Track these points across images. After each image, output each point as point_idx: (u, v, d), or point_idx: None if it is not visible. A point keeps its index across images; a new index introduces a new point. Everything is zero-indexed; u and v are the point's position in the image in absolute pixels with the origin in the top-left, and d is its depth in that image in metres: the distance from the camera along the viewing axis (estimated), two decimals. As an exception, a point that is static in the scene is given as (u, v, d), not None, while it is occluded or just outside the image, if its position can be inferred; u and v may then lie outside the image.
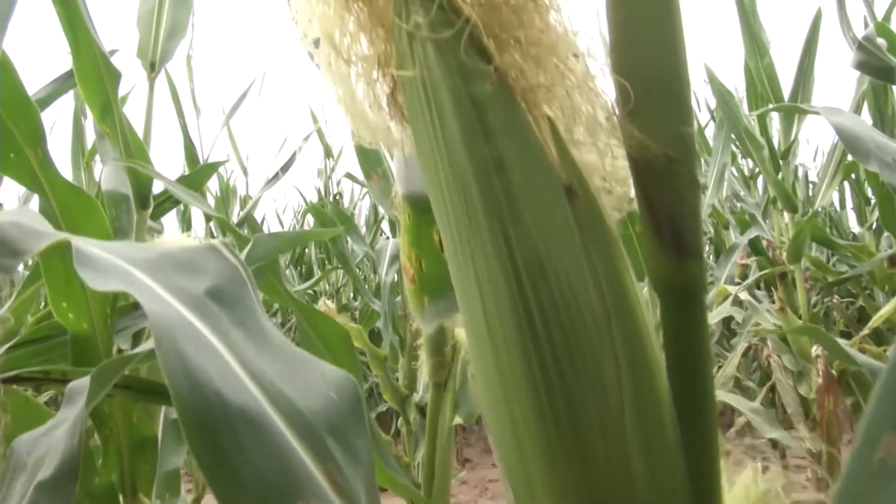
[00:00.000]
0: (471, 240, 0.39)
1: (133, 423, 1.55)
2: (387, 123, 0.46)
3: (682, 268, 0.40)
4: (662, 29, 0.41)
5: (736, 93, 4.55)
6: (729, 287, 3.16)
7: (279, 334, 0.62)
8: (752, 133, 2.93)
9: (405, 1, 0.41)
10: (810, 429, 2.87)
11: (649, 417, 0.38)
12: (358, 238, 3.53)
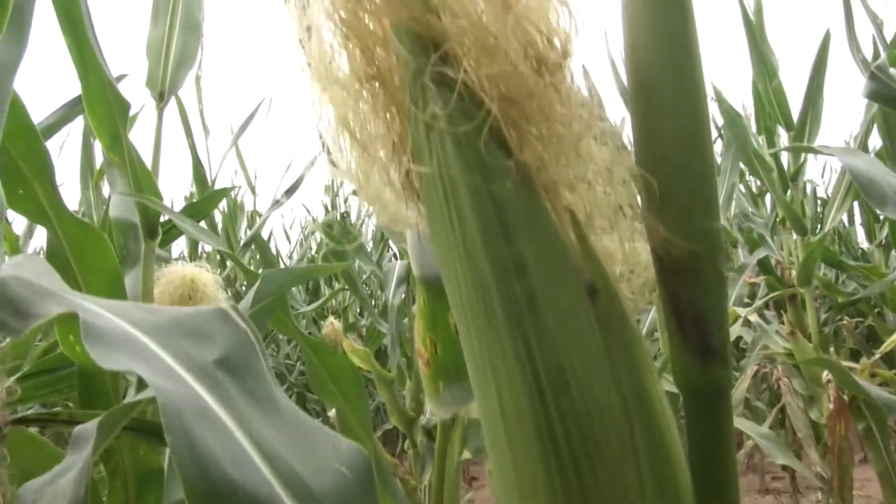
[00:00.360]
0: (490, 343, 0.38)
1: (139, 456, 1.54)
2: (402, 204, 0.45)
3: (708, 370, 0.38)
4: (688, 121, 0.40)
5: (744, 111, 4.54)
6: (738, 309, 3.13)
7: (288, 402, 0.61)
8: (760, 155, 2.92)
9: (422, 89, 0.40)
10: (821, 454, 2.84)
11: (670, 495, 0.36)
12: (365, 256, 3.52)
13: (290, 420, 0.59)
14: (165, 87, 1.74)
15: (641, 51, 0.42)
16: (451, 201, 0.38)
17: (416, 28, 0.40)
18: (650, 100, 0.40)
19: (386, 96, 0.42)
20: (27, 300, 0.71)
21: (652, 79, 0.41)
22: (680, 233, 0.39)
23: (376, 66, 0.42)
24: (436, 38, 0.39)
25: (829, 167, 4.97)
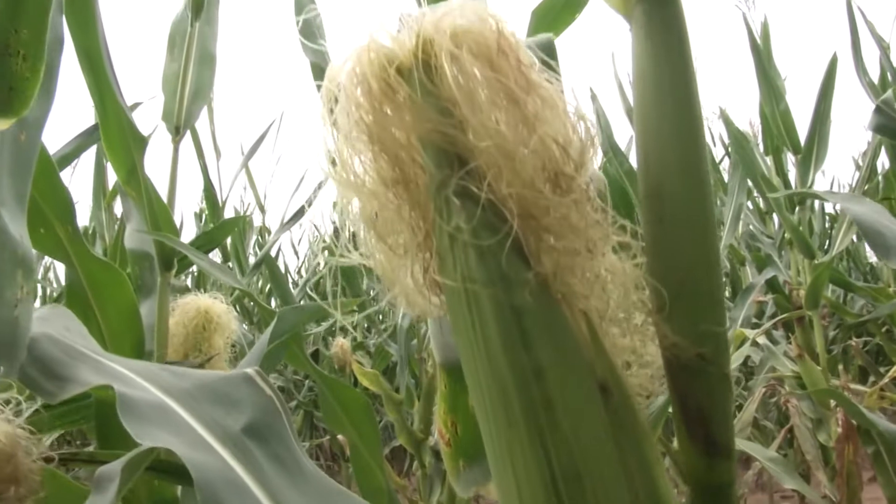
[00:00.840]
0: (510, 439, 0.41)
1: (154, 486, 1.56)
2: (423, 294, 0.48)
3: (712, 466, 0.41)
4: (697, 231, 0.43)
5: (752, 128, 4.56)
6: (746, 331, 3.14)
7: (312, 466, 0.63)
8: (767, 178, 2.94)
9: (446, 200, 0.43)
10: (830, 477, 2.85)
11: None
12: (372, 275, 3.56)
13: (315, 484, 0.62)
14: (181, 121, 1.77)
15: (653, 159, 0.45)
16: (473, 309, 0.41)
17: (440, 142, 0.43)
18: (665, 212, 0.43)
19: (410, 200, 0.45)
20: (60, 362, 0.74)
21: (664, 190, 0.44)
22: (687, 336, 0.42)
23: (401, 171, 0.45)
24: (460, 152, 0.43)
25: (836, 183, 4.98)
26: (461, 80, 0.42)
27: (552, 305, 0.42)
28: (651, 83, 0.46)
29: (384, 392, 2.80)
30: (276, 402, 0.65)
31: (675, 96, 0.45)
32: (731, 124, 3.00)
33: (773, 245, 3.66)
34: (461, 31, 0.44)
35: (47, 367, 0.73)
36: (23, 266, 0.83)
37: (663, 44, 0.46)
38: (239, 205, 5.53)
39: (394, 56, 0.45)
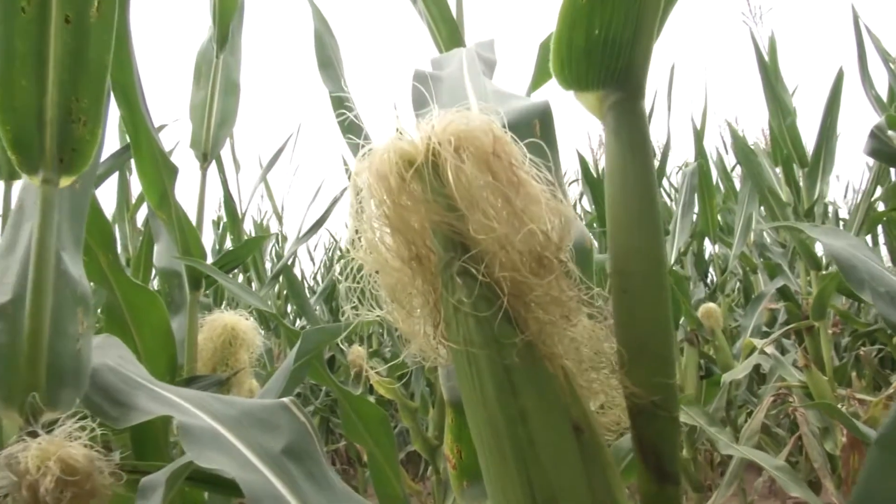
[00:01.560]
0: (501, 470, 0.52)
1: (185, 491, 1.68)
2: (433, 345, 0.60)
3: (663, 489, 0.53)
4: (653, 305, 0.54)
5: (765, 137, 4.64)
6: (756, 340, 3.23)
7: (340, 482, 0.75)
8: (775, 191, 3.03)
9: (451, 278, 0.54)
10: (836, 485, 2.93)
11: None
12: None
13: (343, 495, 0.73)
14: (209, 147, 1.90)
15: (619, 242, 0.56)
16: (472, 365, 0.53)
17: (446, 231, 0.54)
18: (628, 286, 0.54)
19: (423, 274, 0.57)
20: (120, 390, 0.86)
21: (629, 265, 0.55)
22: (644, 387, 0.53)
23: (415, 251, 0.57)
24: (463, 240, 0.54)
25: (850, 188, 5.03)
26: (462, 182, 0.53)
27: (536, 362, 0.53)
28: (618, 177, 0.57)
29: (399, 400, 2.92)
30: (309, 427, 0.77)
31: (637, 190, 0.56)
32: (738, 138, 3.10)
33: (783, 255, 3.74)
34: (463, 137, 0.56)
35: (110, 395, 0.85)
36: (82, 303, 0.96)
37: (629, 143, 0.58)
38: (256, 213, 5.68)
39: (409, 157, 0.56)
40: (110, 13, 0.91)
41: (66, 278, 0.94)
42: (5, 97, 0.87)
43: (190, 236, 1.76)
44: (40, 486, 0.66)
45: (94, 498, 0.70)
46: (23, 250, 0.96)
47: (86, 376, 0.89)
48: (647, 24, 0.57)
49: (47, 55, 0.88)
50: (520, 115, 0.88)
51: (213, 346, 1.80)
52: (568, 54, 0.59)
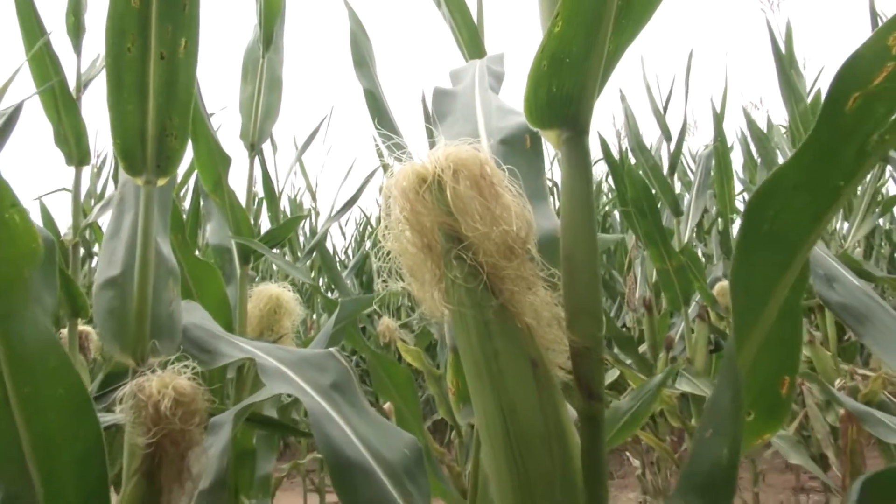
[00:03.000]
0: (481, 389, 0.80)
1: (237, 439, 2.00)
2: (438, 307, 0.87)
3: (591, 406, 0.80)
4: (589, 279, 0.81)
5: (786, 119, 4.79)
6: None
7: (373, 410, 1.04)
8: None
9: (450, 261, 0.81)
10: (836, 455, 3.17)
11: (568, 478, 0.78)
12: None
13: (375, 421, 1.02)
14: (256, 139, 2.19)
15: (568, 237, 0.83)
16: (463, 320, 0.80)
17: (447, 229, 0.82)
18: (572, 266, 0.81)
19: (432, 258, 0.84)
20: (206, 341, 1.16)
21: (573, 255, 0.82)
22: (580, 337, 0.80)
23: (427, 242, 0.84)
24: (458, 235, 0.81)
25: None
26: (457, 196, 0.80)
27: (506, 318, 0.80)
28: (567, 191, 0.84)
29: (426, 368, 3.22)
30: (350, 370, 1.06)
31: (580, 200, 0.83)
32: (753, 124, 3.30)
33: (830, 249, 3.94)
34: (460, 163, 0.83)
35: (199, 345, 1.15)
36: (172, 275, 1.26)
37: (576, 167, 0.84)
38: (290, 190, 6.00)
39: (422, 176, 0.83)
40: (194, 50, 1.19)
41: (161, 256, 1.24)
42: (116, 118, 1.16)
43: (241, 217, 2.06)
44: (161, 404, 0.96)
45: (197, 415, 1.00)
46: (126, 234, 1.25)
47: (178, 332, 1.18)
48: (590, 85, 0.83)
49: (147, 85, 1.16)
50: (515, 130, 1.15)
51: (260, 313, 2.10)
52: (535, 104, 0.85)
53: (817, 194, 0.69)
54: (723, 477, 0.69)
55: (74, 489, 0.85)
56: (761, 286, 0.69)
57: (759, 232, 0.68)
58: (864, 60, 0.66)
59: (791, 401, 0.83)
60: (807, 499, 4.45)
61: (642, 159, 3.32)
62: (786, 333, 0.79)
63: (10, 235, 0.71)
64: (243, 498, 2.07)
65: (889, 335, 1.21)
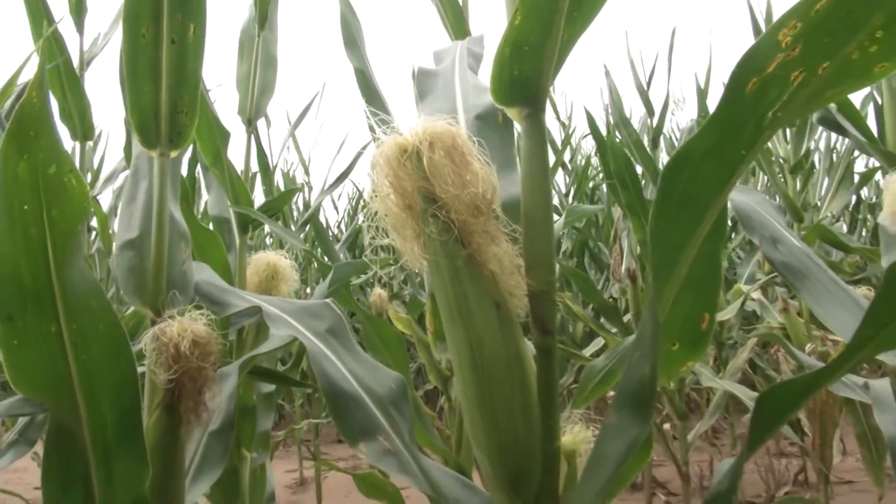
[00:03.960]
0: (453, 325, 0.97)
1: (238, 395, 2.17)
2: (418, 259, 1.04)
3: (544, 340, 0.97)
4: (544, 233, 0.98)
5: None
6: (743, 287, 3.65)
7: (363, 351, 1.21)
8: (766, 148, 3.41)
9: (426, 219, 0.98)
10: (808, 417, 3.38)
11: (526, 400, 0.96)
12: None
13: (366, 360, 1.20)
14: (252, 114, 2.35)
15: (526, 199, 1.00)
16: (438, 267, 0.98)
17: (424, 192, 0.98)
18: (530, 223, 0.98)
19: (412, 217, 1.01)
20: (216, 295, 1.33)
21: (531, 213, 0.99)
22: (537, 282, 0.97)
23: (408, 203, 1.01)
24: (434, 197, 0.98)
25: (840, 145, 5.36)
26: (432, 164, 0.97)
27: (474, 266, 0.98)
28: (527, 161, 1.01)
29: (416, 335, 3.40)
30: (343, 317, 1.23)
31: (537, 169, 1.00)
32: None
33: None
34: (435, 136, 0.99)
35: (210, 298, 1.32)
36: (184, 238, 1.42)
37: (534, 140, 1.01)
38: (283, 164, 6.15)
39: (403, 147, 1.00)
40: (201, 35, 1.35)
41: (173, 221, 1.41)
42: (133, 97, 1.32)
43: (239, 189, 2.22)
44: (181, 345, 1.13)
45: (212, 356, 1.17)
46: (142, 201, 1.42)
47: (191, 287, 1.35)
48: (546, 69, 0.99)
49: (160, 67, 1.32)
50: (489, 107, 1.31)
51: (259, 279, 2.27)
52: (500, 85, 1.01)
53: (724, 161, 0.86)
54: (646, 392, 0.86)
55: (111, 411, 1.02)
56: (677, 238, 0.86)
57: (673, 192, 0.85)
58: (760, 51, 0.83)
59: (710, 334, 1.00)
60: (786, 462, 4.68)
61: (625, 133, 3.48)
62: (706, 277, 0.97)
63: (68, 195, 0.88)
64: (244, 451, 2.26)
65: (823, 291, 1.39)
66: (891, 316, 0.86)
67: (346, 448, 6.84)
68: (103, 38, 2.77)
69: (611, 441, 0.90)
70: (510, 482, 0.97)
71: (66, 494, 1.05)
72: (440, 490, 1.06)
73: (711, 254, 0.96)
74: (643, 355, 0.88)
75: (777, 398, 0.87)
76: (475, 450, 1.00)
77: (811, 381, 0.86)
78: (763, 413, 0.86)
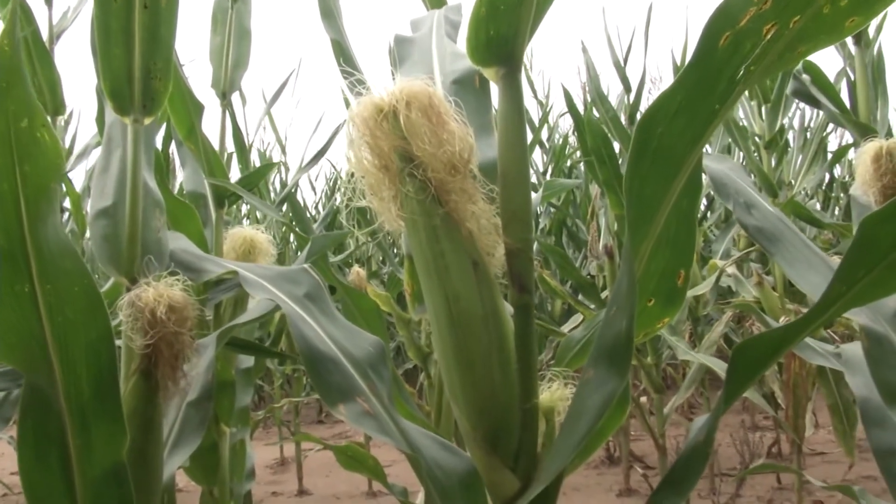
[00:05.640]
0: (431, 284, 0.97)
1: (217, 370, 2.16)
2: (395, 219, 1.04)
3: (522, 297, 0.98)
4: (521, 190, 0.98)
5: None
6: (719, 262, 3.70)
7: (341, 316, 1.21)
8: (736, 121, 3.44)
9: (403, 178, 0.98)
10: (781, 389, 3.44)
11: (504, 357, 0.96)
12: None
13: (344, 325, 1.20)
14: (227, 87, 2.32)
15: (502, 157, 1.00)
16: (415, 226, 0.98)
17: (401, 151, 0.98)
18: (506, 180, 0.99)
19: (389, 176, 1.01)
20: (193, 262, 1.32)
21: (507, 170, 0.99)
22: (514, 240, 0.98)
23: (385, 163, 1.01)
24: (410, 156, 0.98)
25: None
26: (409, 122, 0.97)
27: (451, 224, 0.98)
28: (503, 120, 1.01)
29: (395, 313, 3.40)
30: (321, 282, 1.23)
31: (514, 127, 1.00)
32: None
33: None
34: (412, 96, 0.99)
35: (187, 265, 1.31)
36: (159, 206, 1.41)
37: (510, 99, 1.01)
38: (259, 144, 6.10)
39: (380, 107, 1.00)
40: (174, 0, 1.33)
41: (147, 189, 1.39)
42: (105, 62, 1.30)
43: (215, 163, 2.20)
44: (157, 310, 1.12)
45: (188, 321, 1.17)
46: (115, 170, 1.40)
47: (167, 255, 1.35)
48: (522, 29, 0.99)
49: (133, 31, 1.30)
50: (466, 72, 1.31)
51: (236, 254, 2.26)
52: (475, 46, 1.01)
53: (697, 116, 0.86)
54: (622, 345, 0.87)
55: (87, 374, 1.01)
56: (651, 194, 0.87)
57: (647, 148, 0.85)
58: (733, 5, 0.83)
59: (686, 291, 1.02)
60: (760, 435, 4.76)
61: (602, 110, 3.49)
62: (681, 234, 0.98)
63: (41, 150, 0.86)
64: (224, 426, 2.25)
65: (796, 254, 1.41)
66: (864, 270, 0.87)
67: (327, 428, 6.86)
68: (73, 11, 2.73)
69: (588, 396, 0.91)
70: (488, 440, 0.98)
71: (42, 460, 1.04)
72: (420, 451, 1.06)
73: (687, 210, 0.97)
74: (619, 310, 0.88)
75: (752, 352, 0.88)
76: (454, 409, 1.00)
77: (785, 335, 0.87)
78: (738, 366, 0.87)
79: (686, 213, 0.97)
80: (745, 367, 0.90)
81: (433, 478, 1.06)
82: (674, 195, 0.89)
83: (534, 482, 0.96)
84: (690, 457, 0.92)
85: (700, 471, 0.91)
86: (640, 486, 4.39)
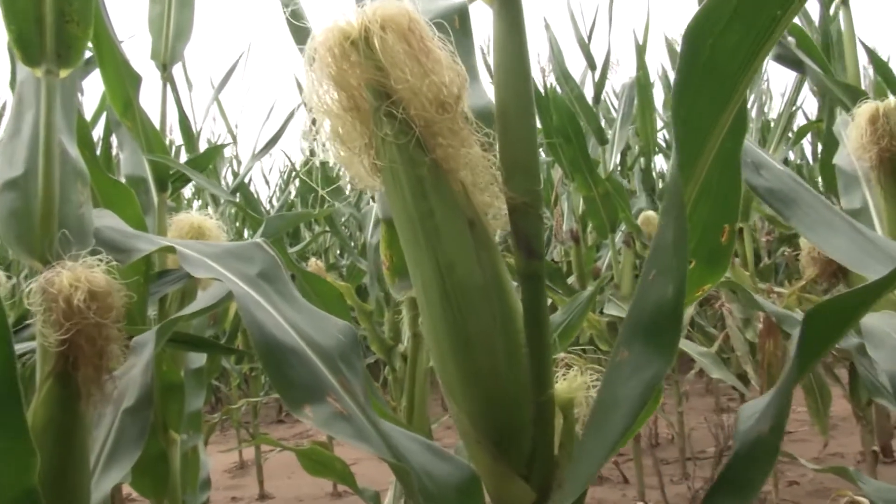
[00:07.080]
0: (417, 252, 0.76)
1: (163, 372, 1.92)
2: (369, 176, 0.83)
3: (530, 264, 0.77)
4: (525, 134, 0.78)
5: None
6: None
7: (303, 299, 0.99)
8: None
9: (379, 119, 0.77)
10: (754, 369, 3.31)
11: (510, 339, 0.76)
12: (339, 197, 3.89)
13: (305, 308, 0.97)
14: (167, 59, 2.07)
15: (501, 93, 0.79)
16: (396, 178, 0.76)
17: (376, 85, 0.77)
18: (506, 123, 0.78)
19: (360, 119, 0.79)
20: (121, 241, 1.08)
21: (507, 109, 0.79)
22: (519, 193, 0.77)
23: (354, 102, 0.79)
24: (387, 91, 0.76)
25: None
26: (386, 49, 0.75)
27: (440, 175, 0.77)
28: (500, 48, 0.80)
29: (356, 304, 3.17)
30: (277, 258, 1.00)
31: (514, 55, 0.79)
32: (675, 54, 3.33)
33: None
34: (388, 18, 0.77)
35: (114, 245, 1.07)
36: (81, 177, 1.17)
37: (509, 25, 0.80)
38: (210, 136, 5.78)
39: (348, 33, 0.78)
40: (91, -74, 1.09)
41: (66, 156, 1.15)
42: (8, 2, 1.05)
43: (154, 140, 1.95)
44: (74, 297, 0.89)
45: (113, 310, 0.93)
46: (27, 134, 1.15)
47: (89, 234, 1.10)
48: (521, -70, 0.78)
49: (41, -37, 1.06)
50: (445, 10, 1.09)
51: (182, 242, 2.01)
52: (464, -46, 0.80)
53: (754, 25, 0.67)
54: (669, 315, 0.67)
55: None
56: (701, 119, 0.67)
57: (698, 61, 0.66)
58: None
59: (732, 249, 0.82)
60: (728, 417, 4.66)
61: (567, 88, 3.31)
62: (725, 180, 0.78)
63: None
64: (173, 433, 2.00)
65: (813, 215, 1.23)
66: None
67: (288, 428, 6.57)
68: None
69: (622, 383, 0.71)
70: (494, 442, 0.77)
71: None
72: (406, 459, 0.85)
73: (731, 153, 0.77)
74: (661, 272, 0.69)
75: (828, 315, 0.69)
76: (450, 405, 0.79)
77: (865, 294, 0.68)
78: (812, 333, 0.68)
79: (730, 156, 0.77)
80: (823, 330, 0.71)
81: (424, 490, 0.85)
82: (725, 126, 0.70)
83: (553, 492, 0.76)
84: (753, 450, 0.72)
85: (767, 469, 0.72)
86: (610, 474, 4.24)
